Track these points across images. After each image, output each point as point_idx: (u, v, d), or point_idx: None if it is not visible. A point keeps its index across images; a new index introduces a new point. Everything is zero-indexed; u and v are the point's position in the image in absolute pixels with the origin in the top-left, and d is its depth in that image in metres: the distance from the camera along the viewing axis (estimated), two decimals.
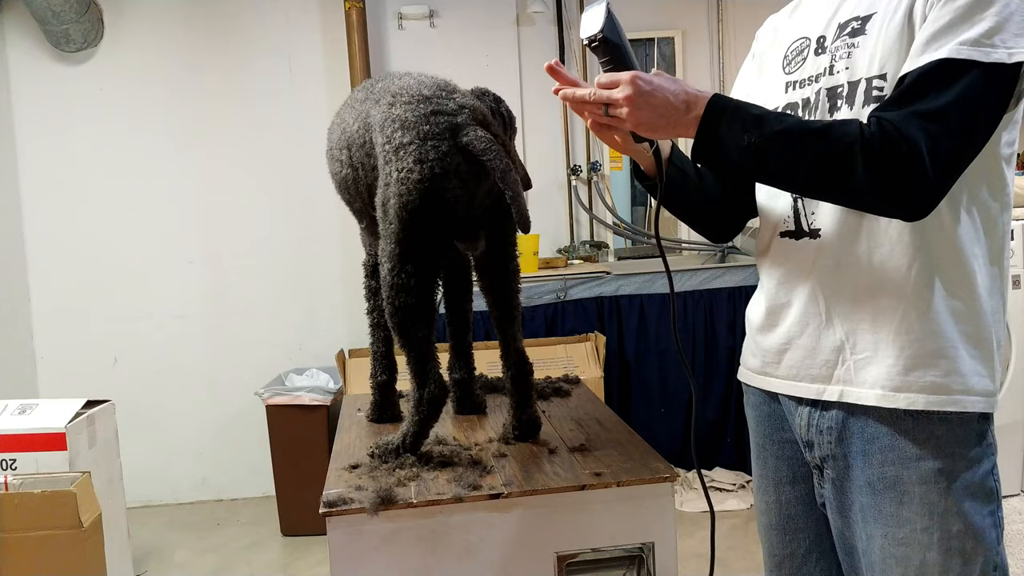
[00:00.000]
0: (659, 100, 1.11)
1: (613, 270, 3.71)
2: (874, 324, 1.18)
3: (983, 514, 1.16)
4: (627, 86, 1.11)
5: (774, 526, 1.39)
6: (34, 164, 3.87)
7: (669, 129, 1.14)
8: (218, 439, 4.00)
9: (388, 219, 1.44)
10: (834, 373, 1.22)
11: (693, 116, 1.12)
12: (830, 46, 1.23)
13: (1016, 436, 3.42)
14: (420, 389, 1.49)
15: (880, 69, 1.14)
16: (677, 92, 1.12)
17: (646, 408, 3.68)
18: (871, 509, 1.20)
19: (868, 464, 1.20)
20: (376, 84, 1.62)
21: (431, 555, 1.35)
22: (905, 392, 1.15)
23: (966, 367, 1.15)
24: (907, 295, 1.15)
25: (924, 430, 1.16)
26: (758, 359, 1.35)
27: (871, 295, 1.18)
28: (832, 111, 1.20)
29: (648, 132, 1.15)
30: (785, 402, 1.32)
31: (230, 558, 3.35)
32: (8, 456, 2.39)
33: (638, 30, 4.13)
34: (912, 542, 1.16)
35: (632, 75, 1.11)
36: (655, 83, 1.12)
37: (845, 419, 1.22)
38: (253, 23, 3.93)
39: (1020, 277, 3.37)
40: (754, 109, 1.13)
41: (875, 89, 1.15)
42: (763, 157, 1.10)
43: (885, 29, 1.15)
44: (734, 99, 1.15)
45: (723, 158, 1.14)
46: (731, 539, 3.20)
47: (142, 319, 3.94)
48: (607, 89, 1.13)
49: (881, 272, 1.17)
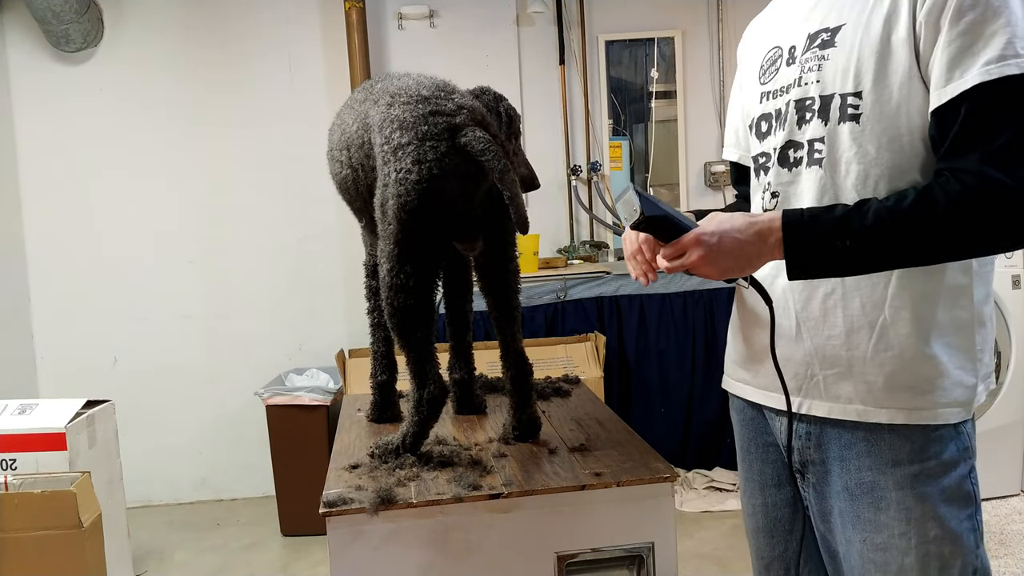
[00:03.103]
0: (730, 245, 1.11)
1: (613, 270, 3.71)
2: (848, 340, 1.18)
3: (960, 518, 1.15)
4: (695, 249, 1.12)
5: (761, 529, 1.39)
6: (34, 164, 3.87)
7: (754, 264, 1.14)
8: (218, 439, 4.00)
9: (387, 220, 1.44)
10: (802, 387, 1.23)
11: (774, 242, 1.11)
12: (800, 57, 1.22)
13: (1016, 436, 3.42)
14: (420, 389, 1.49)
15: (855, 86, 1.13)
16: (743, 228, 1.11)
17: (646, 408, 3.68)
18: (850, 514, 1.20)
19: (845, 470, 1.20)
20: (375, 85, 1.62)
21: (431, 555, 1.35)
22: (887, 408, 1.16)
23: (949, 380, 1.14)
24: (884, 311, 1.15)
25: (900, 436, 1.16)
26: (737, 367, 1.38)
27: (844, 310, 1.18)
28: (800, 124, 1.20)
29: (736, 274, 1.15)
30: (765, 409, 1.33)
31: (230, 558, 3.35)
32: (8, 456, 2.39)
33: (638, 30, 4.14)
34: (890, 547, 1.16)
35: (695, 236, 1.12)
36: (719, 231, 1.12)
37: (822, 425, 1.22)
38: (253, 23, 3.93)
39: (1020, 277, 3.37)
40: (828, 213, 1.11)
41: (851, 107, 1.14)
42: (864, 257, 1.09)
43: (859, 44, 1.13)
44: (803, 210, 1.13)
45: (823, 270, 1.12)
46: (731, 539, 3.19)
47: (142, 319, 3.94)
48: (678, 258, 1.14)
49: (854, 286, 1.17)
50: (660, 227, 1.16)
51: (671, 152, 4.22)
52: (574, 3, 4.09)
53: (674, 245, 1.14)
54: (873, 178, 1.13)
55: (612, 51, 4.16)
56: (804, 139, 1.20)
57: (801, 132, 1.20)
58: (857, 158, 1.14)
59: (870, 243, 1.07)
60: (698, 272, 1.14)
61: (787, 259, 1.11)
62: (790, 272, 1.12)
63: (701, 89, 4.18)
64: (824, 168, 1.17)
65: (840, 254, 1.08)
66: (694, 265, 1.13)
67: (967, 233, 1.05)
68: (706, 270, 1.13)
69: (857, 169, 1.14)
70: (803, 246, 1.10)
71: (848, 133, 1.14)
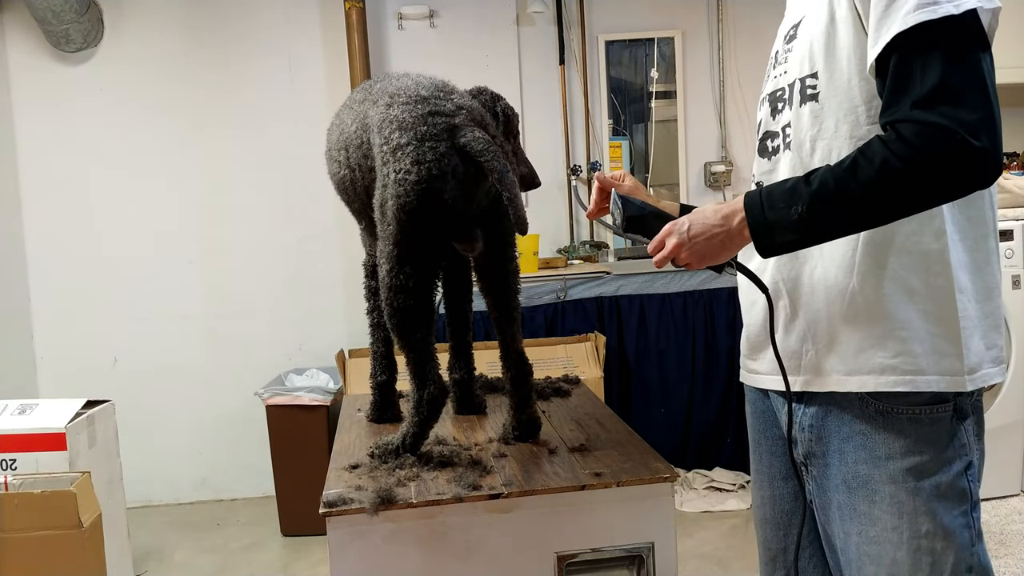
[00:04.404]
0: (699, 231, 1.17)
1: (613, 270, 3.71)
2: (828, 311, 1.20)
3: (954, 514, 1.16)
4: (669, 239, 1.20)
5: (769, 520, 1.41)
6: (34, 164, 3.87)
7: (728, 246, 1.18)
8: (218, 439, 4.00)
9: (386, 220, 1.44)
10: (800, 364, 1.25)
11: (739, 223, 1.15)
12: (780, 58, 1.30)
13: (1016, 436, 3.42)
14: (420, 390, 1.49)
15: (811, 68, 1.19)
16: (710, 214, 1.17)
17: (646, 408, 3.68)
18: (847, 507, 1.21)
19: (843, 463, 1.21)
20: (374, 85, 1.62)
21: (431, 555, 1.35)
22: (857, 375, 1.17)
23: (923, 347, 1.14)
24: (852, 278, 1.17)
25: (894, 429, 1.17)
26: (746, 358, 1.40)
27: (823, 282, 1.21)
28: (775, 114, 1.27)
29: (714, 260, 1.19)
30: (773, 398, 1.35)
31: (230, 558, 3.35)
32: (8, 456, 2.39)
33: (638, 30, 4.13)
34: (883, 541, 1.17)
35: (667, 228, 1.20)
36: (688, 219, 1.18)
37: (823, 418, 1.23)
38: (253, 23, 3.93)
39: (1020, 277, 3.37)
40: (781, 185, 1.14)
41: (808, 88, 1.20)
42: (818, 222, 1.10)
43: (811, 28, 1.20)
44: (762, 188, 1.17)
45: (786, 242, 1.14)
46: (731, 539, 3.20)
47: (142, 319, 3.94)
48: (659, 251, 1.21)
49: (829, 258, 1.20)
50: (644, 225, 1.24)
51: (671, 152, 4.21)
52: (574, 3, 4.08)
53: (655, 239, 1.21)
54: (836, 151, 1.17)
55: (612, 51, 4.16)
56: (778, 128, 1.26)
57: (775, 122, 1.27)
58: (820, 135, 1.19)
59: (820, 207, 1.09)
60: (680, 261, 1.20)
61: (753, 237, 1.15)
62: (759, 249, 1.15)
63: (701, 89, 4.18)
64: (793, 150, 1.23)
65: (796, 223, 1.10)
66: (673, 254, 1.19)
67: (909, 179, 1.04)
68: (685, 257, 1.18)
69: (821, 145, 1.19)
70: (764, 222, 1.13)
71: (809, 112, 1.20)
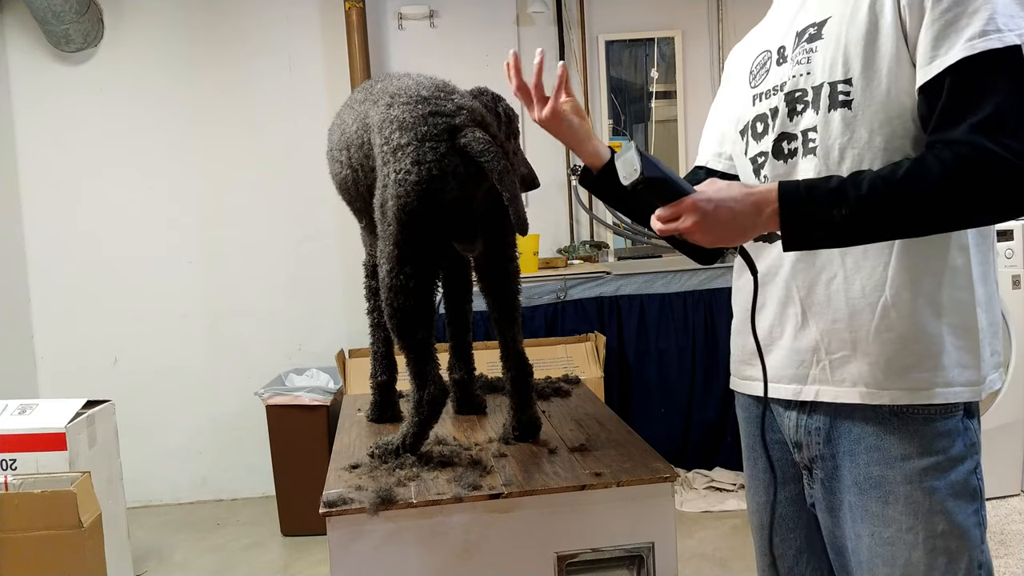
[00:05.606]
0: (725, 215, 1.12)
1: (613, 270, 3.71)
2: (851, 322, 1.19)
3: (967, 513, 1.17)
4: (690, 214, 1.12)
5: (765, 526, 1.40)
6: (34, 164, 3.87)
7: (748, 234, 1.14)
8: (218, 439, 4.00)
9: (386, 221, 1.44)
10: (809, 373, 1.24)
11: (770, 212, 1.12)
12: (790, 55, 1.26)
13: (1016, 436, 3.42)
14: (420, 390, 1.49)
15: (844, 73, 1.16)
16: (739, 198, 1.12)
17: (646, 408, 3.68)
18: (858, 509, 1.21)
19: (855, 464, 1.21)
20: (375, 85, 1.62)
21: (431, 555, 1.35)
22: (889, 390, 1.17)
23: (950, 360, 1.16)
24: (884, 292, 1.17)
25: (908, 430, 1.17)
26: (740, 364, 1.39)
27: (846, 293, 1.19)
28: (792, 116, 1.23)
29: (728, 243, 1.16)
30: (773, 404, 1.33)
31: (230, 558, 3.35)
32: (8, 456, 2.39)
33: (638, 30, 4.14)
34: (898, 541, 1.17)
35: (692, 201, 1.12)
36: (715, 199, 1.12)
37: (833, 420, 1.23)
38: (253, 23, 3.93)
39: (1020, 277, 3.37)
40: (824, 183, 1.12)
41: (841, 94, 1.17)
42: (859, 225, 1.09)
43: (846, 32, 1.17)
44: (800, 181, 1.14)
45: (818, 240, 1.13)
46: (731, 539, 3.20)
47: (142, 319, 3.94)
48: (672, 221, 1.14)
49: (853, 270, 1.19)
50: (658, 190, 1.14)
51: (671, 152, 4.21)
52: (574, 3, 4.09)
53: (672, 207, 1.14)
54: (867, 162, 1.16)
55: (612, 51, 4.16)
56: (798, 130, 1.23)
57: (794, 124, 1.23)
58: (851, 143, 1.17)
59: (866, 212, 1.08)
60: (691, 238, 1.14)
61: (783, 229, 1.12)
62: (786, 243, 1.13)
63: (701, 89, 4.18)
64: (819, 156, 1.20)
65: (836, 224, 1.09)
66: (688, 231, 1.13)
67: (961, 200, 1.06)
68: (699, 236, 1.13)
69: (852, 154, 1.17)
70: (799, 216, 1.11)
71: (840, 119, 1.17)
